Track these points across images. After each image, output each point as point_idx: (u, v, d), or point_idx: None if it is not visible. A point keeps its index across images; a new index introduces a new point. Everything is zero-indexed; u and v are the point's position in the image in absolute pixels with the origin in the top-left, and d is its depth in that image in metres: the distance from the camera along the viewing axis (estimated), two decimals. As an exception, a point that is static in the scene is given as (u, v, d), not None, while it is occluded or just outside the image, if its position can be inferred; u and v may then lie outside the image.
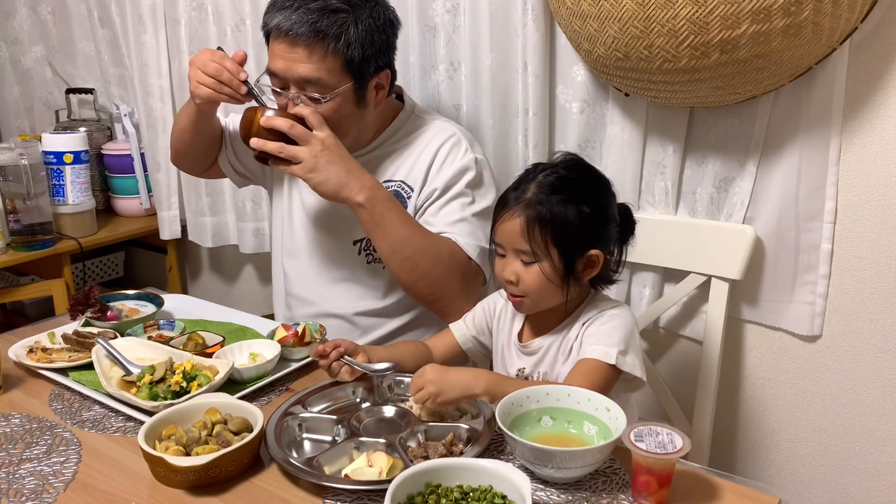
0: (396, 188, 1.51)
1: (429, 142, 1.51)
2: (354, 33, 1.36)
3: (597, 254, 1.19)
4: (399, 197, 1.50)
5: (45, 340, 1.42)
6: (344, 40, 1.35)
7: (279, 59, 1.38)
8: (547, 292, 1.20)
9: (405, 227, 1.39)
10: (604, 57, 1.40)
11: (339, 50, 1.35)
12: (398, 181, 1.51)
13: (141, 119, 2.40)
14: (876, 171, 1.37)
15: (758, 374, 1.61)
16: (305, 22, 1.33)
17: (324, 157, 1.34)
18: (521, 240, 1.17)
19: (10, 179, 2.09)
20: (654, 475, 0.93)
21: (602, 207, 1.20)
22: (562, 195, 1.16)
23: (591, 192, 1.20)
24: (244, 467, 1.03)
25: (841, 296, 1.46)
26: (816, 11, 1.20)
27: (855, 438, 1.51)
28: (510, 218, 1.18)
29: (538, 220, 1.16)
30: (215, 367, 1.24)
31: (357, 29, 1.36)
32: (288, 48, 1.36)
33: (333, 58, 1.36)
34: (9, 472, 1.05)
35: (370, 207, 1.36)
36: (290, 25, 1.33)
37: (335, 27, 1.34)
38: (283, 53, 1.37)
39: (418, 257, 1.39)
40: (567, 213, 1.16)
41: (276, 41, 1.38)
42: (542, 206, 1.16)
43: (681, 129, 1.53)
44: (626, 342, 1.16)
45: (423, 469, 0.93)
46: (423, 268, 1.40)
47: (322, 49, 1.35)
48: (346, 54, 1.36)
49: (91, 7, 2.48)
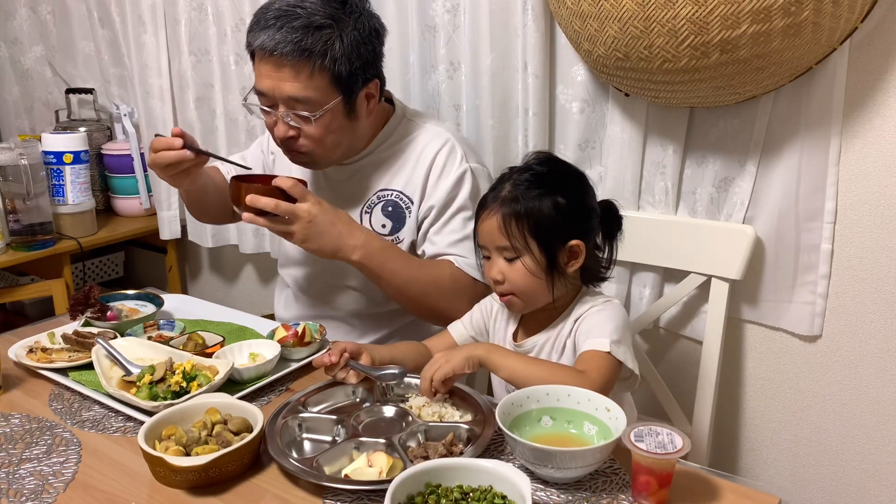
0: (395, 199, 1.50)
1: (424, 149, 1.50)
2: (340, 48, 1.34)
3: (578, 244, 1.20)
4: (398, 208, 1.50)
5: (45, 340, 1.42)
6: (330, 56, 1.33)
7: (266, 79, 1.36)
8: (534, 287, 1.20)
9: (405, 270, 1.41)
10: (604, 57, 1.40)
11: (326, 66, 1.33)
12: (396, 191, 1.50)
13: (141, 119, 2.40)
14: (876, 171, 1.37)
15: (758, 374, 1.61)
16: (290, 41, 1.31)
17: (313, 229, 1.34)
18: (500, 236, 1.19)
19: (10, 179, 2.09)
20: (654, 475, 0.93)
21: (578, 198, 1.22)
22: (537, 189, 1.19)
23: (565, 184, 1.22)
24: (244, 467, 1.03)
25: (841, 296, 1.46)
26: (816, 11, 1.20)
27: (855, 438, 1.51)
28: (488, 217, 1.21)
29: (513, 214, 1.18)
30: (215, 367, 1.24)
31: (343, 43, 1.34)
32: (274, 68, 1.34)
33: (321, 75, 1.34)
34: (9, 472, 1.05)
35: (368, 262, 1.38)
36: (275, 45, 1.31)
37: (320, 44, 1.32)
38: (269, 73, 1.35)
39: (423, 295, 1.43)
40: (542, 206, 1.18)
41: (262, 61, 1.36)
42: (516, 201, 1.18)
43: (681, 129, 1.53)
44: (618, 332, 1.17)
45: (423, 469, 0.93)
46: (429, 302, 1.43)
47: (308, 67, 1.33)
48: (333, 70, 1.34)
49: (91, 7, 2.48)
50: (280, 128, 1.39)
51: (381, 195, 1.51)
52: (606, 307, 1.22)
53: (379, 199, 1.51)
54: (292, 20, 1.32)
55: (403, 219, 1.50)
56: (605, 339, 1.14)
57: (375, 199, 1.51)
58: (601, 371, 1.11)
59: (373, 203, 1.52)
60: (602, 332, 1.16)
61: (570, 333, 1.23)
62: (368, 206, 1.52)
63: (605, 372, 1.12)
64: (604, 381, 1.10)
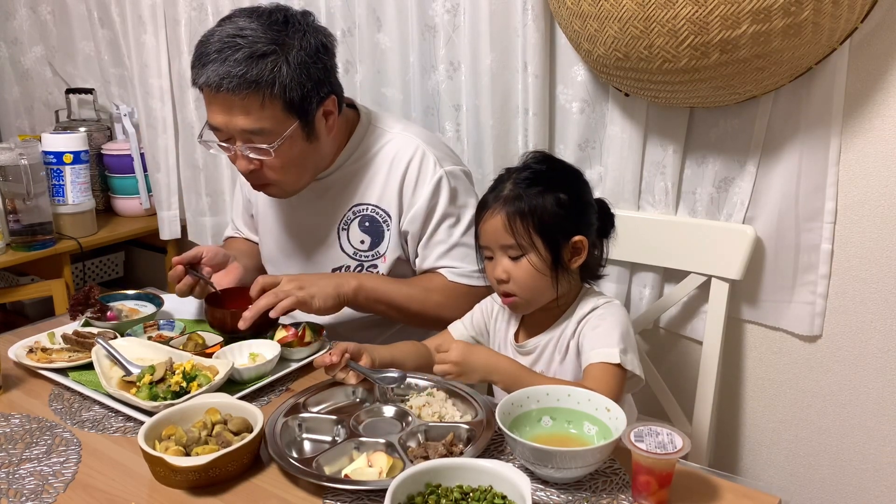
0: (371, 213, 1.49)
1: (394, 159, 1.47)
2: (288, 73, 1.29)
3: (581, 239, 1.20)
4: (375, 223, 1.48)
5: (45, 340, 1.42)
6: (279, 84, 1.28)
7: (217, 115, 1.32)
8: (538, 286, 1.20)
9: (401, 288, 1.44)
10: (604, 57, 1.40)
11: (277, 95, 1.29)
12: (371, 205, 1.49)
13: (141, 119, 2.40)
14: (876, 171, 1.37)
15: (758, 374, 1.61)
16: (235, 75, 1.26)
17: (304, 282, 1.36)
18: (506, 234, 1.19)
19: (10, 179, 2.09)
20: (654, 475, 0.93)
21: (578, 194, 1.23)
22: (538, 187, 1.19)
23: (565, 181, 1.23)
24: (244, 467, 1.03)
25: (841, 296, 1.46)
26: (816, 11, 1.20)
27: (855, 438, 1.51)
28: (491, 216, 1.21)
29: (518, 212, 1.18)
30: (215, 368, 1.24)
31: (290, 67, 1.29)
32: (223, 104, 1.30)
33: (272, 104, 1.29)
34: (9, 472, 1.05)
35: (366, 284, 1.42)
36: (219, 81, 1.27)
37: (267, 73, 1.27)
38: (219, 110, 1.31)
39: (423, 309, 1.45)
40: (546, 203, 1.18)
41: (210, 98, 1.32)
42: (519, 199, 1.19)
43: (681, 129, 1.53)
44: (624, 340, 1.17)
45: (423, 469, 0.93)
46: (431, 314, 1.45)
47: (258, 99, 1.28)
48: (284, 97, 1.30)
49: (91, 7, 2.48)
50: (241, 162, 1.37)
51: (356, 210, 1.50)
52: (609, 309, 1.22)
53: (355, 215, 1.50)
54: (235, 51, 1.27)
55: (382, 233, 1.49)
56: (614, 348, 1.15)
57: (351, 216, 1.50)
58: (610, 386, 1.12)
59: (349, 220, 1.50)
60: (609, 342, 1.16)
61: (573, 334, 1.23)
62: (344, 222, 1.50)
63: (616, 387, 1.13)
64: (615, 398, 1.09)
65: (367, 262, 1.51)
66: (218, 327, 1.42)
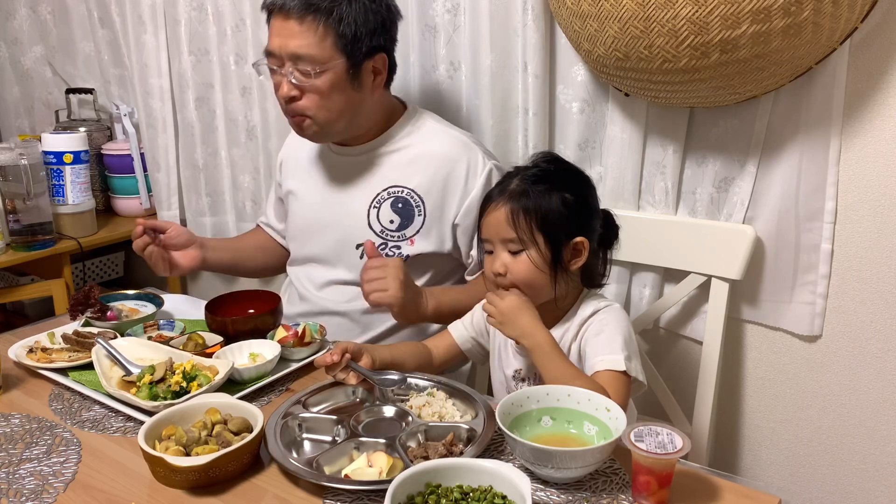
0: (406, 196, 1.51)
1: (440, 150, 1.52)
2: (347, 9, 1.38)
3: (582, 241, 1.21)
4: (407, 206, 1.51)
5: (45, 340, 1.42)
6: (336, 15, 1.37)
7: (275, 37, 1.41)
8: (536, 283, 1.20)
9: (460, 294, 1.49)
10: (604, 57, 1.40)
11: (331, 25, 1.37)
12: (408, 188, 1.51)
13: (141, 119, 2.40)
14: (876, 171, 1.37)
15: (758, 374, 1.61)
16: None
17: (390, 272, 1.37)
18: (507, 228, 1.19)
19: (10, 179, 2.08)
20: (654, 475, 0.93)
21: (584, 196, 1.23)
22: (545, 185, 1.20)
23: (572, 182, 1.23)
24: (244, 467, 1.03)
25: (841, 296, 1.46)
26: (816, 11, 1.20)
27: (855, 438, 1.51)
28: (494, 209, 1.21)
29: (522, 207, 1.19)
30: (215, 368, 1.24)
31: (351, 6, 1.38)
32: (282, 23, 1.39)
33: (325, 32, 1.38)
34: (9, 472, 1.05)
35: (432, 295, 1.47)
36: (284, 1, 1.37)
37: (327, 2, 1.36)
38: (277, 31, 1.40)
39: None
40: (551, 200, 1.19)
41: (273, 18, 1.41)
42: (525, 195, 1.19)
43: (681, 129, 1.53)
44: (627, 346, 1.17)
45: (423, 469, 0.93)
46: None
47: (314, 23, 1.37)
48: (337, 30, 1.38)
49: (91, 7, 2.48)
50: (284, 87, 1.42)
51: (391, 191, 1.52)
52: (610, 314, 1.22)
53: (389, 195, 1.53)
54: None
55: (412, 216, 1.51)
56: (619, 355, 1.15)
57: (385, 195, 1.53)
58: (619, 394, 1.12)
59: (382, 198, 1.53)
60: (613, 349, 1.16)
61: (575, 337, 1.23)
62: (378, 200, 1.53)
63: (623, 395, 1.13)
64: (622, 405, 1.09)
65: (392, 242, 1.53)
66: (217, 333, 1.42)
